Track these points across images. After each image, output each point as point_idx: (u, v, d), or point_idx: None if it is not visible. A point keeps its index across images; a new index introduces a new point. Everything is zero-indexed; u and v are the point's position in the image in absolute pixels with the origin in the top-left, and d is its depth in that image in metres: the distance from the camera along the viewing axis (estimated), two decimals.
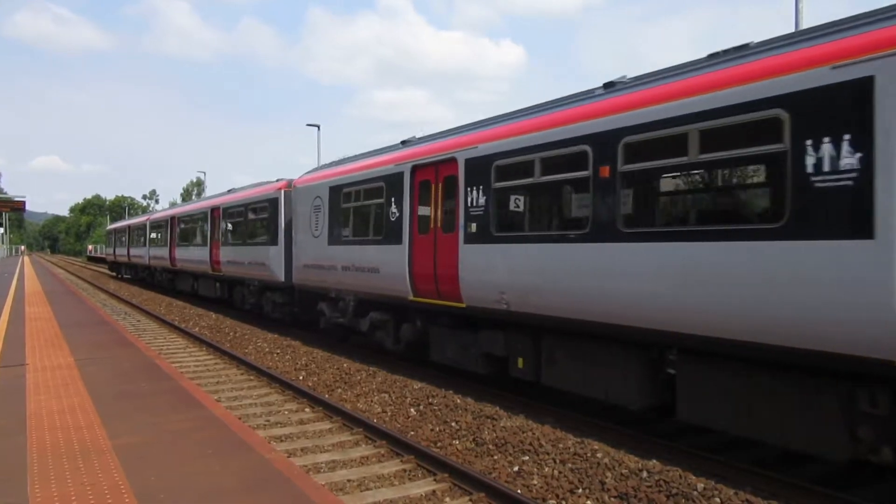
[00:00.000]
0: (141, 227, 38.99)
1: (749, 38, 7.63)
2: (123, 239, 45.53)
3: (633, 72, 9.05)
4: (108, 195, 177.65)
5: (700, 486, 6.58)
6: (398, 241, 12.19)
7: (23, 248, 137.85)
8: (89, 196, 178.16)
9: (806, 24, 15.55)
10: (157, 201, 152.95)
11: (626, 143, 7.77)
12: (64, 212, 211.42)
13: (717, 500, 6.31)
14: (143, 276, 40.06)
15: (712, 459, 7.49)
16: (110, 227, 60.92)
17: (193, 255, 26.83)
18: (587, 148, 8.30)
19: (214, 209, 24.29)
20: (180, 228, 29.64)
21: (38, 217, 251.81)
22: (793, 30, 15.25)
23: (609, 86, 8.68)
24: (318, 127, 43.54)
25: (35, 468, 5.93)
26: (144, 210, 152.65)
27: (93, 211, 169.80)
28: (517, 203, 10.15)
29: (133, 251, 41.76)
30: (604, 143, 8.05)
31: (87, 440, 6.77)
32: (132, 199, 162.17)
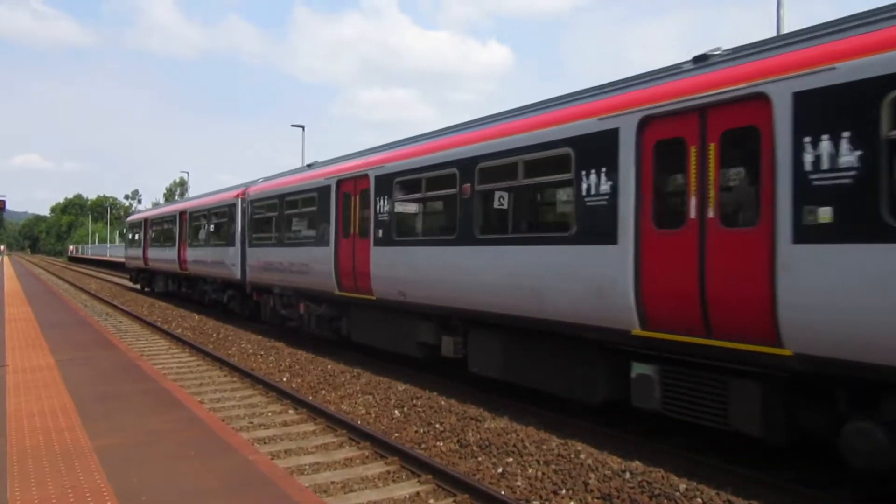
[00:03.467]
0: (218, 212, 22.00)
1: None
2: (171, 233, 27.40)
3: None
4: (90, 194, 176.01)
5: (682, 486, 6.63)
6: None
7: (2, 247, 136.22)
8: (70, 195, 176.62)
9: (787, 28, 15.70)
10: (139, 201, 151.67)
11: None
12: (45, 211, 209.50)
13: (699, 500, 6.36)
14: (219, 301, 22.23)
15: (694, 460, 7.55)
16: (137, 216, 37.53)
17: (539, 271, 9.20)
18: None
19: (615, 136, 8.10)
20: (399, 203, 12.10)
21: (19, 216, 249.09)
22: (775, 33, 15.41)
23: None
24: (303, 128, 43.37)
25: (15, 470, 5.87)
26: (127, 211, 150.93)
27: (74, 210, 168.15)
28: None
29: (194, 254, 24.05)
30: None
31: (68, 442, 6.71)
32: (114, 198, 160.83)
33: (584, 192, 8.18)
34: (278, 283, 16.65)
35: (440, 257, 10.65)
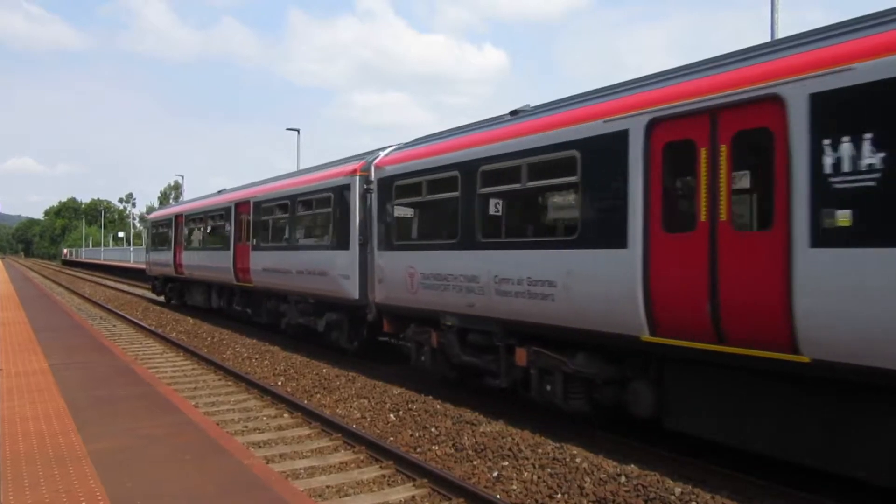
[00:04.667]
0: (313, 199, 15.29)
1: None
2: (220, 232, 20.86)
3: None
4: (84, 198, 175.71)
5: (678, 490, 6.64)
6: None
7: None
8: (64, 199, 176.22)
9: (781, 33, 15.77)
10: (133, 205, 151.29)
11: None
12: (38, 214, 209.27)
13: None
14: (309, 328, 15.52)
15: (690, 464, 7.56)
16: (164, 212, 29.85)
17: None
18: None
19: None
20: None
21: (12, 220, 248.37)
22: (769, 37, 15.48)
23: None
24: (298, 131, 43.44)
25: (9, 475, 5.85)
26: (121, 214, 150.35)
27: (68, 214, 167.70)
28: None
29: (265, 260, 17.30)
30: None
31: (62, 446, 6.69)
32: (108, 202, 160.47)
33: None
34: (460, 310, 10.11)
35: None
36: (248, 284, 18.46)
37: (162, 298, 29.37)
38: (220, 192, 23.39)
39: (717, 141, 6.79)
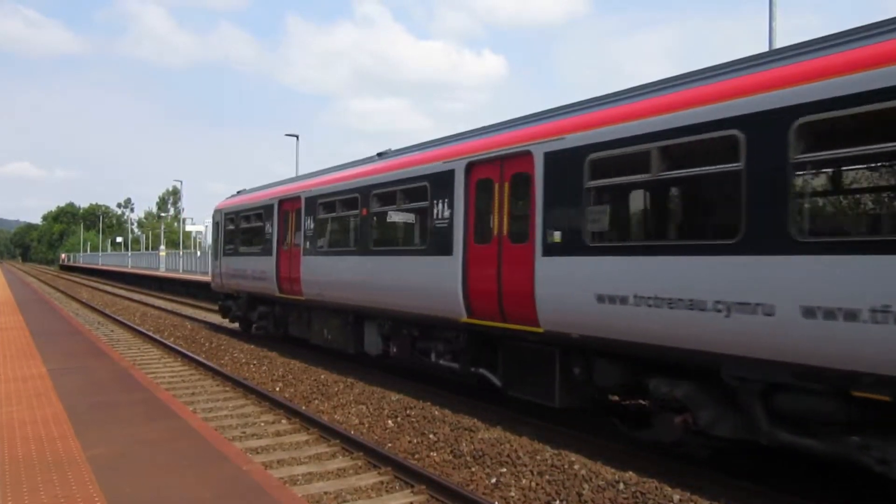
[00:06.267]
0: None
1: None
2: (428, 220, 10.70)
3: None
4: (82, 202, 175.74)
5: (676, 497, 6.64)
6: None
7: None
8: (62, 203, 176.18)
9: (778, 40, 15.85)
10: (132, 210, 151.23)
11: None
12: (36, 219, 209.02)
13: None
14: None
15: (689, 471, 7.56)
16: (263, 194, 17.85)
17: None
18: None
19: None
20: None
21: (10, 224, 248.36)
22: (767, 46, 15.57)
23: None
24: (297, 137, 43.46)
25: (7, 479, 5.85)
26: (119, 219, 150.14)
27: (66, 219, 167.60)
28: None
29: (659, 280, 6.92)
30: None
31: (61, 451, 6.69)
32: (107, 207, 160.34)
33: None
34: None
35: None
36: (514, 326, 9.14)
37: (236, 325, 20.37)
38: (380, 154, 13.73)
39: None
